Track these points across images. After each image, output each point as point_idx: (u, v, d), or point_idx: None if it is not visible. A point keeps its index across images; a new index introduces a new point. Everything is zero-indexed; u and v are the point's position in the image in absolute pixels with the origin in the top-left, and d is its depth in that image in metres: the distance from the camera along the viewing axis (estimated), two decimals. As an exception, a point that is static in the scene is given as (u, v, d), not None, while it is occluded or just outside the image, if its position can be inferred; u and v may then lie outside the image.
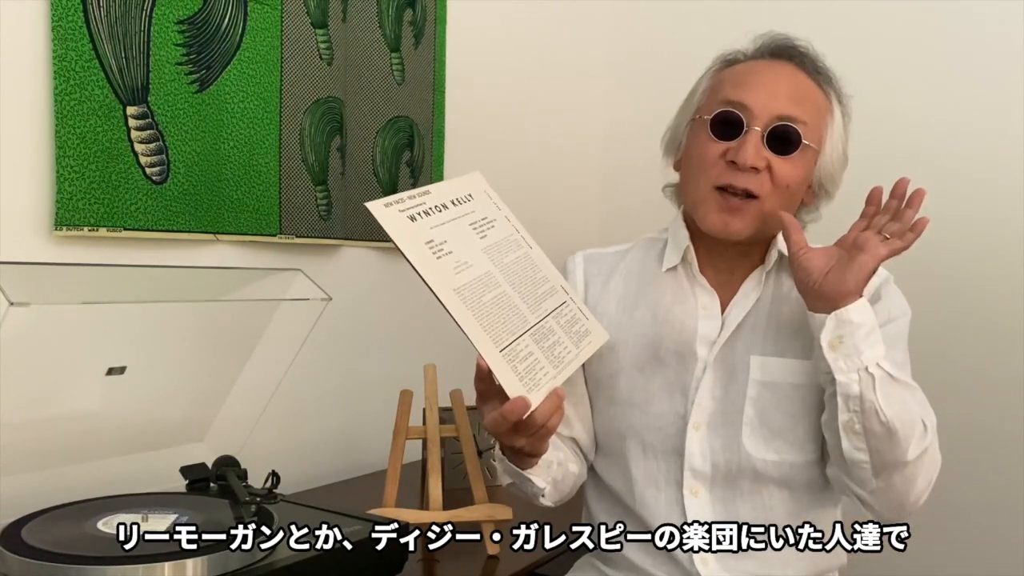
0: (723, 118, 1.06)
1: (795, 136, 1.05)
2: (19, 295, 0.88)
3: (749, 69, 1.09)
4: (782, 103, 1.05)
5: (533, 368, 0.93)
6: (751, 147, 1.03)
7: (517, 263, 1.01)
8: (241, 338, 1.20)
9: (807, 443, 1.09)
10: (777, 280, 1.12)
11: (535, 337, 0.96)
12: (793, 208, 1.10)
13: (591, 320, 1.08)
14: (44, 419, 1.04)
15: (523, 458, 1.00)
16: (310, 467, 1.61)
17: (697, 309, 1.13)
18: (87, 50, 1.19)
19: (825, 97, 1.09)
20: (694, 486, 1.10)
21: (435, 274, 0.88)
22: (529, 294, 0.99)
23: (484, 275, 0.95)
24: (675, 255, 1.15)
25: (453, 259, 0.92)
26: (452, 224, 0.96)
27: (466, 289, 0.91)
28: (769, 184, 1.05)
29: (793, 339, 1.09)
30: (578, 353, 1.02)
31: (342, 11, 1.59)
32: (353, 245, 1.67)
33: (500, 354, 0.90)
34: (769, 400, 1.08)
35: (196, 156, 1.34)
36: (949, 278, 1.89)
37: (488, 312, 0.91)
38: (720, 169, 1.06)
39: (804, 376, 1.08)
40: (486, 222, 1.01)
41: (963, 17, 1.89)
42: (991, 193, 1.87)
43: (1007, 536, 1.84)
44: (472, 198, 1.02)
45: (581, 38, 2.32)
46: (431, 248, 0.90)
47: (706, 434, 1.10)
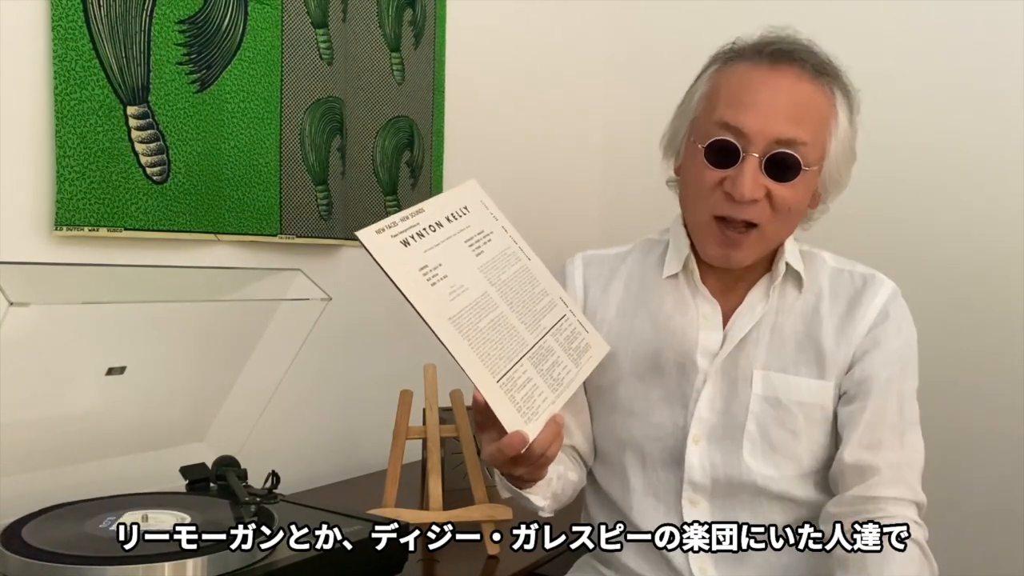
0: (718, 146, 1.02)
1: (794, 162, 1.00)
2: (19, 295, 0.88)
3: (746, 81, 1.03)
4: (780, 125, 1.00)
5: (531, 395, 0.92)
6: (748, 178, 0.99)
7: (514, 278, 1.00)
8: (241, 338, 1.20)
9: (807, 458, 1.08)
10: (782, 292, 1.10)
11: (534, 360, 0.95)
12: (797, 222, 1.08)
13: (591, 333, 1.07)
14: (44, 419, 1.04)
15: (522, 481, 0.99)
16: (310, 467, 1.61)
17: (698, 319, 1.11)
18: (87, 50, 1.19)
19: (829, 100, 1.04)
20: (693, 497, 1.10)
21: (429, 303, 0.87)
22: (527, 312, 0.98)
23: (480, 297, 0.93)
24: (676, 262, 1.13)
25: (448, 284, 0.90)
26: (447, 244, 0.94)
27: (462, 316, 0.89)
28: (769, 211, 1.02)
29: (797, 354, 1.08)
30: (577, 372, 1.01)
31: (342, 11, 1.59)
32: (353, 245, 1.67)
33: (497, 384, 0.88)
34: (772, 416, 1.07)
35: (196, 156, 1.34)
36: (948, 278, 1.89)
37: (485, 338, 0.90)
38: (718, 198, 1.03)
39: (808, 394, 1.07)
40: (482, 236, 0.99)
41: (965, 15, 1.89)
42: (991, 193, 1.87)
43: (1007, 536, 1.84)
44: (468, 211, 1.00)
45: (581, 37, 2.32)
46: (425, 274, 0.89)
47: (706, 448, 1.09)
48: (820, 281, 1.11)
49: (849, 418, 1.06)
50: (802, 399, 1.07)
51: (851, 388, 1.07)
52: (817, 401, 1.07)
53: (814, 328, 1.08)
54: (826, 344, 1.07)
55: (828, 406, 1.08)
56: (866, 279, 1.10)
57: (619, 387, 1.13)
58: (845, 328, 1.08)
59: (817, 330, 1.08)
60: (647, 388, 1.12)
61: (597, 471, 1.19)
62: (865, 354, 1.06)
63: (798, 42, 1.05)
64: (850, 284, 1.10)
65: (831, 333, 1.08)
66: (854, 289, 1.09)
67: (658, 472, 1.11)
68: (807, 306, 1.09)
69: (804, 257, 1.12)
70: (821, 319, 1.08)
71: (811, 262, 1.12)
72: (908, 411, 1.07)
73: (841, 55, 1.09)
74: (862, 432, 1.04)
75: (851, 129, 1.07)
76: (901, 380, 1.06)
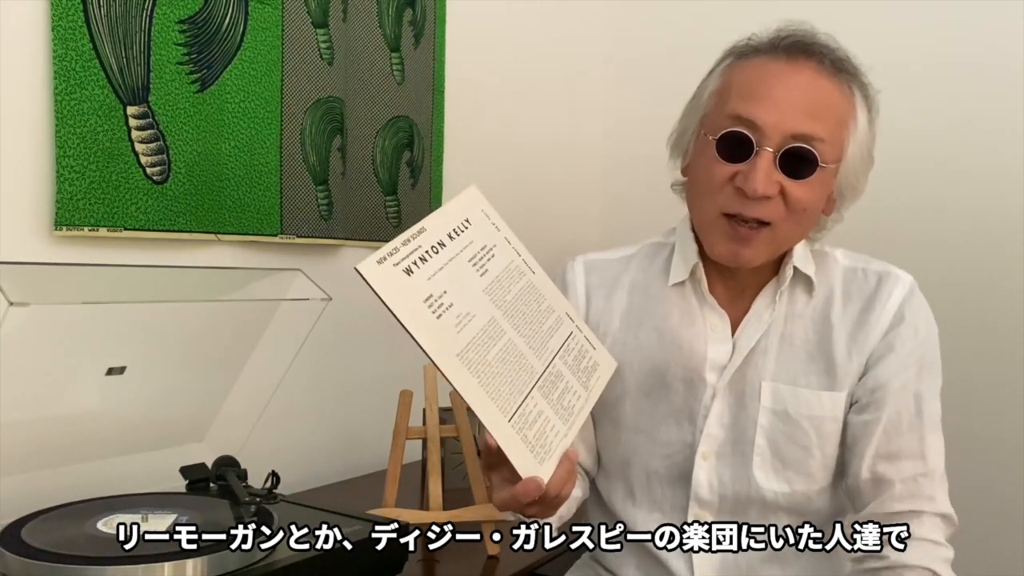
0: (731, 138, 0.96)
1: (811, 157, 0.95)
2: (19, 295, 0.88)
3: (761, 75, 0.98)
4: (797, 119, 0.94)
5: (543, 431, 0.90)
6: (761, 173, 0.94)
7: (520, 297, 0.97)
8: (241, 338, 1.20)
9: (819, 472, 1.04)
10: (791, 297, 1.05)
11: (543, 390, 0.93)
12: (812, 225, 1.03)
13: (598, 350, 1.04)
14: (44, 419, 1.04)
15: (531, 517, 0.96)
16: (310, 467, 1.61)
17: (706, 331, 1.06)
18: (87, 50, 1.19)
19: (848, 100, 0.99)
20: (699, 513, 1.06)
21: (436, 339, 0.85)
22: (535, 334, 0.96)
23: (487, 324, 0.91)
24: (683, 270, 1.08)
25: (454, 313, 0.88)
26: (450, 266, 0.91)
27: (470, 350, 0.87)
28: (783, 209, 0.97)
29: (807, 365, 1.03)
30: (588, 397, 0.99)
31: (342, 11, 1.59)
32: (353, 245, 1.67)
33: (508, 424, 0.86)
34: (781, 431, 1.03)
35: (197, 156, 1.34)
36: (948, 279, 1.89)
37: (494, 372, 0.88)
38: (728, 195, 0.97)
39: (818, 407, 1.03)
40: (486, 252, 0.97)
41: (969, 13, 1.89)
42: (991, 194, 1.87)
43: (1008, 536, 1.84)
44: (470, 224, 0.97)
45: (581, 37, 2.32)
46: (430, 305, 0.87)
47: (715, 464, 1.05)
48: (832, 283, 1.06)
49: (863, 429, 1.01)
50: (812, 412, 1.03)
51: (864, 396, 1.02)
52: (828, 414, 1.03)
53: (825, 336, 1.04)
54: (838, 353, 1.03)
55: (840, 418, 1.03)
56: (880, 277, 1.05)
57: (624, 403, 1.09)
58: (857, 335, 1.03)
59: (828, 338, 1.03)
60: (653, 404, 1.08)
61: (600, 483, 1.16)
62: (879, 360, 1.02)
63: (816, 36, 1.00)
64: (864, 284, 1.05)
65: (843, 341, 1.03)
66: (868, 290, 1.04)
67: (664, 488, 1.08)
68: (817, 312, 1.05)
69: (815, 257, 1.07)
70: (832, 326, 1.04)
71: (822, 263, 1.07)
72: (928, 413, 1.01)
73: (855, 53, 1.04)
74: (878, 443, 1.00)
75: (870, 132, 1.01)
76: (919, 381, 1.01)
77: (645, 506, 1.10)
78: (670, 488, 1.08)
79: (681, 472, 1.07)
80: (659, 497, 1.09)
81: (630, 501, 1.11)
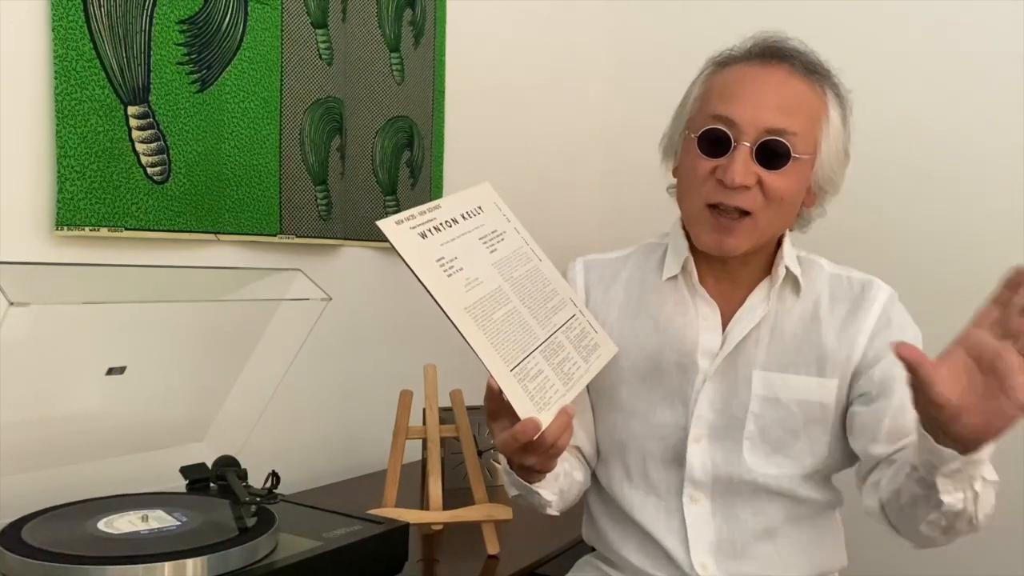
0: (711, 135, 1.04)
1: (784, 150, 1.02)
2: (19, 295, 0.88)
3: (737, 78, 1.06)
4: (770, 115, 1.02)
5: (543, 386, 0.93)
6: (739, 165, 1.01)
7: (527, 277, 1.02)
8: (241, 338, 1.20)
9: (807, 457, 1.10)
10: (781, 296, 1.11)
11: (545, 354, 0.97)
12: (792, 215, 1.09)
13: (600, 334, 1.08)
14: (44, 419, 1.04)
15: (531, 473, 1.00)
16: (310, 467, 1.61)
17: (698, 320, 1.12)
18: (88, 50, 1.19)
19: (820, 99, 1.06)
20: (694, 494, 1.11)
21: (446, 293, 0.89)
22: (539, 309, 1.00)
23: (495, 291, 0.95)
24: (675, 264, 1.14)
25: (464, 276, 0.93)
26: (462, 239, 0.96)
27: (477, 307, 0.92)
28: (761, 199, 1.03)
29: (796, 355, 1.09)
30: (588, 368, 1.02)
31: (342, 11, 1.59)
32: (353, 245, 1.68)
33: (511, 373, 0.90)
34: (772, 416, 1.09)
35: (197, 156, 1.34)
36: (948, 279, 1.89)
37: (499, 330, 0.92)
38: (711, 187, 1.04)
39: (807, 392, 1.08)
40: (496, 235, 1.02)
41: (963, 14, 1.89)
42: (992, 194, 1.87)
43: (1008, 536, 1.84)
44: (482, 210, 1.03)
45: (581, 37, 2.32)
46: (442, 266, 0.91)
47: (707, 447, 1.10)
48: (818, 286, 1.12)
49: (873, 416, 1.05)
50: (801, 397, 1.08)
51: (872, 389, 1.06)
52: (816, 399, 1.08)
53: (814, 330, 1.09)
54: (827, 343, 1.08)
55: (829, 404, 1.08)
56: (864, 285, 1.12)
57: (621, 388, 1.14)
58: (848, 328, 1.09)
59: (817, 332, 1.09)
60: (648, 389, 1.13)
61: (599, 471, 1.20)
62: (881, 358, 1.07)
63: (788, 41, 1.08)
64: (849, 289, 1.12)
65: (832, 333, 1.09)
66: (853, 294, 1.11)
67: (659, 471, 1.13)
68: (805, 311, 1.11)
69: (801, 263, 1.13)
70: (820, 322, 1.10)
71: (808, 268, 1.13)
72: None
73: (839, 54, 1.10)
74: (889, 425, 1.04)
75: (844, 130, 1.08)
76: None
77: (642, 488, 1.14)
78: (665, 470, 1.12)
79: (675, 454, 1.12)
80: (655, 479, 1.13)
81: (627, 483, 1.15)
